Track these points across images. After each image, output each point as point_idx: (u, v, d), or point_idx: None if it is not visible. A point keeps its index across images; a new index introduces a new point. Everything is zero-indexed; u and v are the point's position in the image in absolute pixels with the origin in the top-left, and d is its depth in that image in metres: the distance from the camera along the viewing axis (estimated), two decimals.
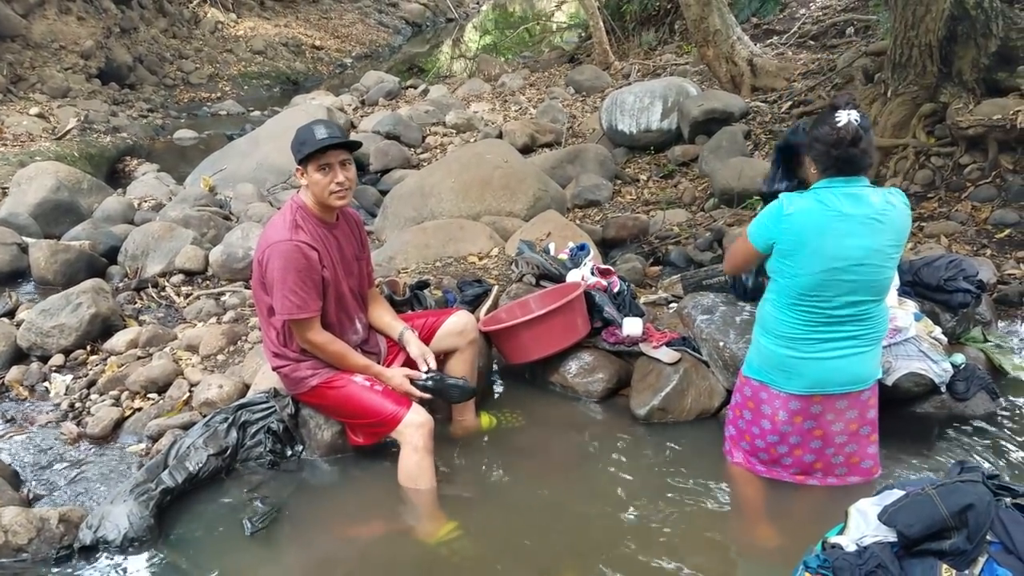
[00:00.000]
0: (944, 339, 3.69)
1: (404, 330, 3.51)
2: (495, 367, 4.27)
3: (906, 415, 3.56)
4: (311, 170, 3.14)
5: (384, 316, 3.58)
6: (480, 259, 5.30)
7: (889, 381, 3.42)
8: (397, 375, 3.33)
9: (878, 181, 6.26)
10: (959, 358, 3.64)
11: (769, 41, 10.86)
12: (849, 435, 3.02)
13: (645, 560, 2.91)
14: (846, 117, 2.72)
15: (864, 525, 2.37)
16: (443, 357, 3.65)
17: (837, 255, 2.72)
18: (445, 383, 3.39)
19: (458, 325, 3.62)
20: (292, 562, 3.07)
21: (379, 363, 3.44)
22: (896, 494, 2.37)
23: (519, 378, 4.24)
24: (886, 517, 2.30)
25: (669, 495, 3.29)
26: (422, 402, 3.32)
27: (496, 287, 4.49)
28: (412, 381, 3.33)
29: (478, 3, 27.03)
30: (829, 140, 2.73)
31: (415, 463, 3.18)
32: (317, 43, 17.69)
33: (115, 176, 9.23)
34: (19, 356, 4.56)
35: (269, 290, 3.16)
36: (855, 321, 2.85)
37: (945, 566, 2.16)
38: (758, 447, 3.11)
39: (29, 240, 6.03)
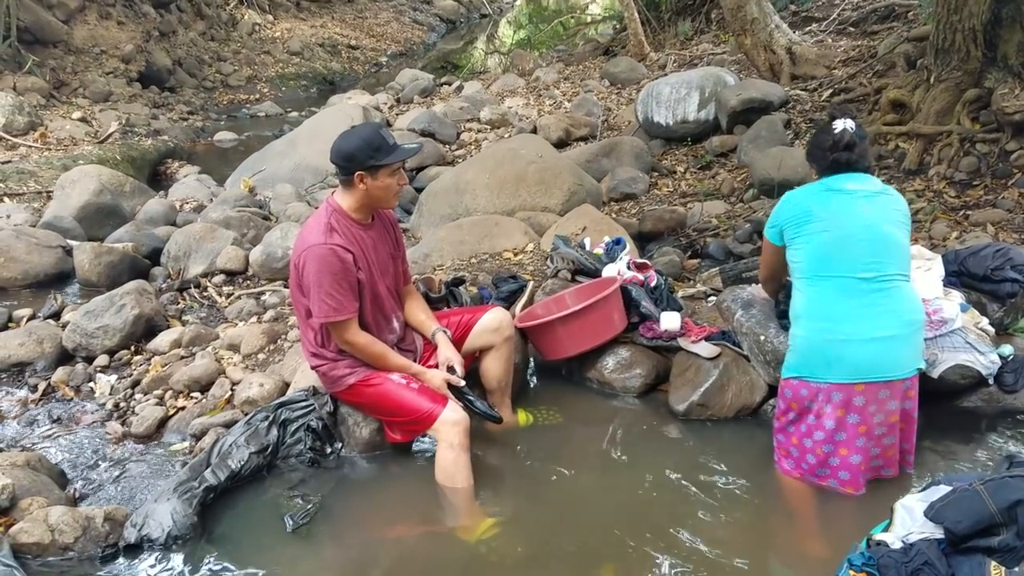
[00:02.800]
0: (991, 330, 3.59)
1: (437, 331, 3.50)
2: (531, 363, 4.26)
3: (953, 408, 3.49)
4: (383, 175, 3.16)
5: (419, 314, 3.58)
6: (515, 255, 5.29)
7: (935, 373, 3.35)
8: (437, 376, 3.33)
9: (923, 168, 6.15)
10: (1007, 349, 3.55)
11: (808, 28, 10.69)
12: (888, 427, 2.98)
13: (685, 558, 2.88)
14: (842, 124, 3.01)
15: (910, 521, 2.33)
16: (479, 354, 3.65)
17: (846, 216, 2.93)
18: (474, 404, 3.36)
19: (493, 322, 3.61)
20: (332, 558, 3.09)
21: (416, 360, 3.46)
22: (943, 490, 2.33)
23: (556, 374, 4.23)
24: (933, 513, 2.25)
25: (710, 493, 3.25)
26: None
27: (532, 283, 4.48)
28: (452, 387, 3.33)
29: None
30: (826, 144, 3.02)
31: (451, 461, 3.18)
32: (353, 43, 17.82)
33: (157, 178, 9.38)
34: (65, 357, 4.65)
35: (306, 293, 3.18)
36: (883, 291, 2.89)
37: (994, 563, 2.11)
38: (806, 447, 3.05)
39: (73, 243, 6.15)
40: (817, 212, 2.97)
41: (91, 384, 4.39)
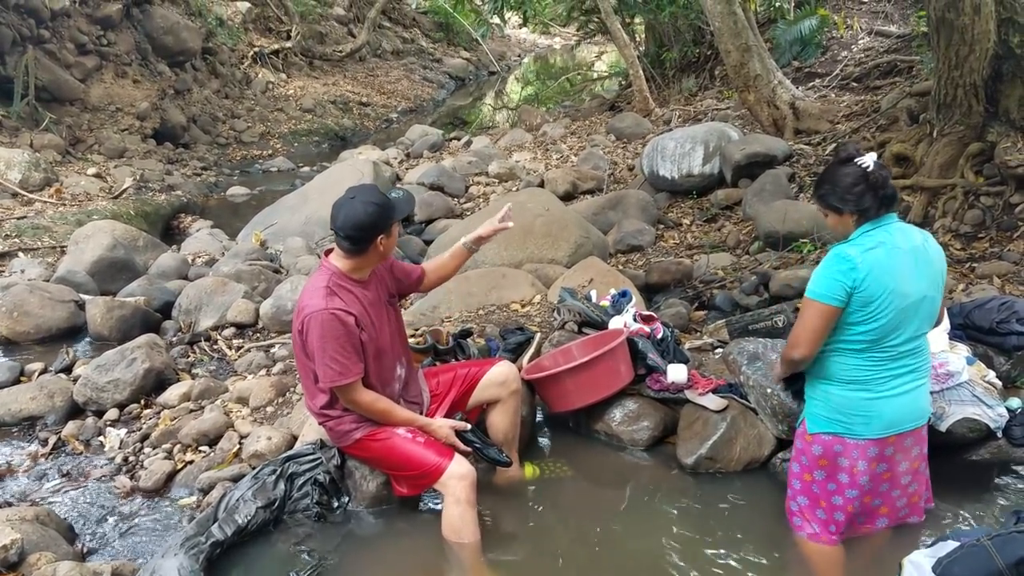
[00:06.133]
0: (999, 383, 3.58)
1: (464, 242, 3.67)
2: (539, 416, 4.26)
3: (960, 461, 3.46)
4: (393, 230, 3.25)
5: (441, 258, 3.73)
6: (523, 307, 5.33)
7: (943, 427, 3.34)
8: (444, 427, 3.34)
9: (927, 222, 6.19)
10: (1015, 402, 3.54)
11: (811, 84, 10.85)
12: (912, 474, 2.96)
13: None
14: (870, 160, 2.77)
15: None
16: (486, 407, 3.66)
17: (907, 291, 2.73)
18: (482, 451, 3.37)
19: (500, 376, 3.62)
20: None
21: (422, 412, 3.47)
22: (950, 545, 2.32)
23: (563, 427, 4.23)
24: (941, 569, 2.25)
25: (719, 547, 3.22)
26: (465, 453, 3.32)
27: (539, 335, 4.51)
28: (458, 433, 3.34)
29: (520, 56, 27.54)
30: (875, 182, 2.75)
31: (458, 515, 3.17)
32: (364, 100, 18.14)
33: (170, 233, 9.51)
34: (75, 411, 4.68)
35: (311, 358, 3.18)
36: (914, 354, 2.84)
37: None
38: (835, 505, 2.95)
39: (86, 297, 6.22)
40: (887, 284, 2.72)
41: (101, 438, 4.41)
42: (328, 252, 3.34)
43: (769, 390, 3.63)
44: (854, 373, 2.83)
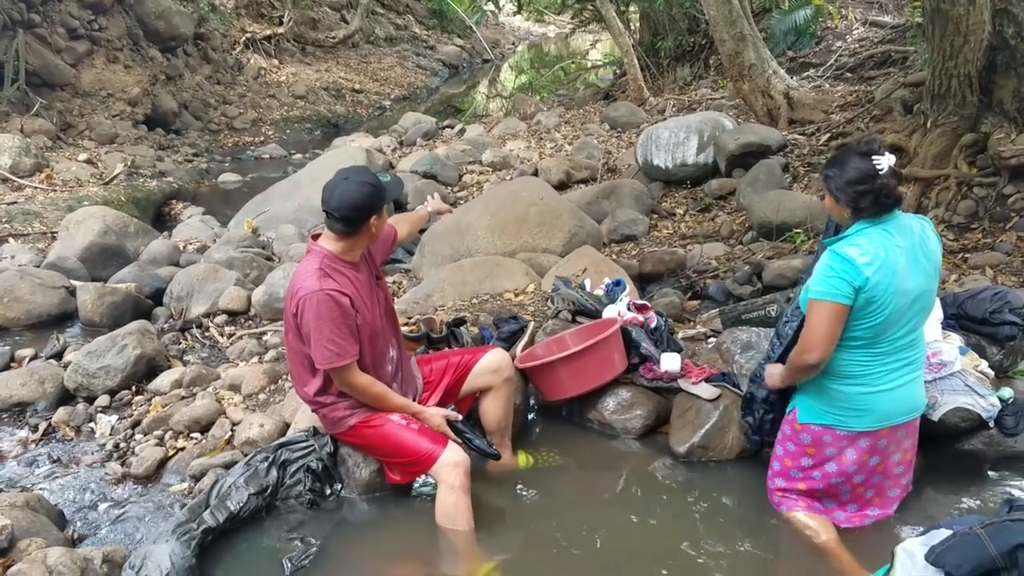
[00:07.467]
0: (991, 373, 3.60)
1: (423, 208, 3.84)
2: (532, 404, 4.26)
3: (953, 451, 3.48)
4: (384, 211, 3.22)
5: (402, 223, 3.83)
6: (516, 296, 5.31)
7: (935, 416, 3.35)
8: (436, 415, 3.33)
9: (921, 211, 6.19)
10: (1007, 392, 3.55)
11: (806, 74, 10.84)
12: (905, 464, 3.00)
13: None
14: (886, 163, 2.68)
15: (911, 566, 2.32)
16: (478, 395, 3.66)
17: (908, 288, 2.71)
18: (472, 442, 3.33)
19: (492, 363, 3.61)
20: None
21: (415, 399, 3.45)
22: (943, 533, 2.32)
23: (556, 415, 4.22)
24: (933, 557, 2.25)
25: (712, 536, 3.23)
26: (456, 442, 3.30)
27: (532, 323, 4.50)
28: (449, 423, 3.33)
29: (514, 44, 27.44)
30: (880, 188, 2.68)
31: (451, 503, 3.16)
32: (357, 87, 18.05)
33: (161, 219, 9.46)
34: (66, 397, 4.65)
35: (306, 340, 3.13)
36: (911, 347, 2.84)
37: None
38: (817, 489, 3.01)
39: (77, 283, 6.18)
40: (891, 283, 2.69)
41: (91, 424, 4.38)
42: (316, 236, 3.30)
43: None
44: (851, 368, 2.83)
